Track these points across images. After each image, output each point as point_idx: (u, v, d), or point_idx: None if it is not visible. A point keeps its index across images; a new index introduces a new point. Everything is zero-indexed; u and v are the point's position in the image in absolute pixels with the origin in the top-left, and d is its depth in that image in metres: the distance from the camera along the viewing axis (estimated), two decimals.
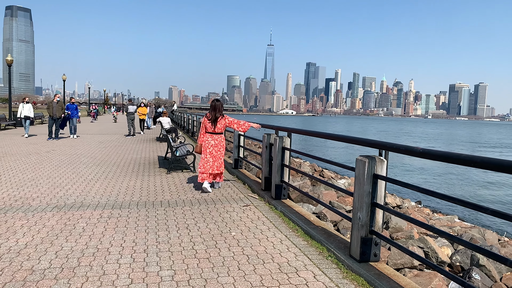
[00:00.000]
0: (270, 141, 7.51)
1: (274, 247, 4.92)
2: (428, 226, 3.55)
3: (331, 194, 9.10)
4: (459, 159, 3.09)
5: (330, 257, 4.59)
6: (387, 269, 4.08)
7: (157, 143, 18.81)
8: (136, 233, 5.36)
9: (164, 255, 4.57)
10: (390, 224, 6.80)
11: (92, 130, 26.62)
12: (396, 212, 4.02)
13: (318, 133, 6.06)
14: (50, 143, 17.11)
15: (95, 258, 4.41)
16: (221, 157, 8.06)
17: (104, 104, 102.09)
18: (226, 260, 4.47)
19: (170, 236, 5.23)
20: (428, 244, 5.25)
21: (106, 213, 6.33)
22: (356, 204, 4.30)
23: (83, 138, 20.36)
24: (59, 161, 11.96)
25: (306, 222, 5.73)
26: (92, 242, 4.94)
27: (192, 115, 25.83)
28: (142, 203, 7.00)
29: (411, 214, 8.70)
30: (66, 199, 7.16)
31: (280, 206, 6.66)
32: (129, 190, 8.06)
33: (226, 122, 7.96)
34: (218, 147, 7.98)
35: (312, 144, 43.85)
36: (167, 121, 18.69)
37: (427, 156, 3.46)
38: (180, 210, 6.58)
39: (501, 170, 2.75)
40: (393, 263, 4.72)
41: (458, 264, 5.30)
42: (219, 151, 8.00)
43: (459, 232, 8.00)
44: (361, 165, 4.21)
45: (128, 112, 22.95)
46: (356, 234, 4.28)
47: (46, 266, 4.17)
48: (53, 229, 5.44)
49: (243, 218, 6.21)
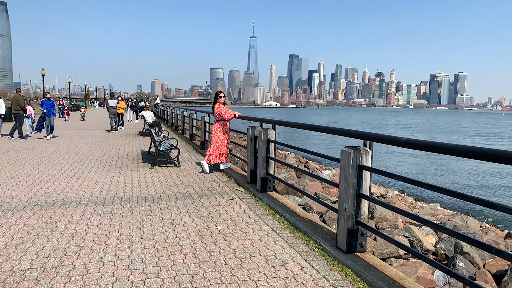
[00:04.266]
0: (255, 133, 7.46)
1: (261, 240, 4.90)
2: (413, 216, 3.56)
3: (316, 185, 9.12)
4: (444, 149, 3.09)
5: (316, 248, 4.59)
6: (373, 259, 4.10)
7: (140, 137, 18.57)
8: (120, 230, 5.26)
9: (149, 251, 4.50)
10: (375, 214, 6.86)
11: (72, 126, 26.11)
12: (381, 203, 4.03)
13: (303, 124, 6.04)
14: (29, 140, 16.71)
15: (78, 257, 4.31)
16: (218, 141, 9.07)
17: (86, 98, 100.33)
18: (212, 255, 4.42)
19: (155, 232, 5.15)
20: (413, 233, 5.30)
21: (89, 210, 6.20)
22: (342, 195, 4.29)
23: (63, 134, 19.94)
24: (39, 158, 11.68)
25: (292, 214, 5.72)
26: (74, 241, 4.82)
27: (175, 108, 25.58)
28: (125, 199, 6.88)
29: (395, 204, 8.79)
30: (47, 197, 6.99)
31: (266, 198, 6.63)
32: (112, 186, 7.92)
33: (217, 110, 9.03)
34: (215, 132, 9.12)
35: (297, 136, 44.00)
36: (150, 115, 18.46)
37: (412, 146, 3.46)
38: (165, 206, 6.49)
39: (485, 158, 2.76)
40: (379, 253, 4.76)
41: (442, 252, 5.38)
42: (215, 136, 9.10)
43: (442, 220, 8.13)
44: (346, 156, 4.19)
45: (109, 106, 22.54)
46: (342, 225, 4.28)
47: (26, 266, 4.05)
48: (34, 228, 5.30)
49: (229, 211, 6.16)
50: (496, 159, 2.68)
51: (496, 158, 2.68)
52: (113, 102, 22.76)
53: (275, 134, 7.02)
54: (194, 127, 16.56)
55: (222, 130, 9.14)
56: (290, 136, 43.58)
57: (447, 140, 46.28)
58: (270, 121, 7.13)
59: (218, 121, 9.16)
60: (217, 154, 9.15)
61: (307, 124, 5.87)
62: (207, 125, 13.58)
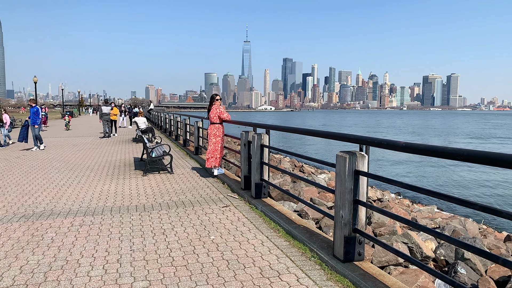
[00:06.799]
0: (248, 138, 7.30)
1: (255, 250, 4.72)
2: (413, 223, 3.41)
3: (312, 191, 8.97)
4: (444, 153, 2.94)
5: (313, 257, 4.42)
6: (372, 268, 3.94)
7: (133, 144, 18.34)
8: (109, 241, 5.06)
9: (139, 264, 4.31)
10: (373, 219, 6.70)
11: (64, 133, 25.82)
12: (380, 209, 3.88)
13: (297, 129, 5.88)
14: (15, 149, 16.43)
15: (63, 272, 4.11)
16: (212, 144, 9.05)
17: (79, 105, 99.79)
18: (204, 266, 4.24)
19: (146, 243, 4.96)
20: (412, 239, 5.15)
21: (78, 220, 6.00)
22: (338, 202, 4.13)
23: (55, 142, 19.67)
24: (29, 166, 11.44)
25: (287, 222, 5.56)
26: (61, 254, 4.62)
27: (169, 114, 25.37)
28: (116, 209, 6.68)
29: (392, 208, 8.65)
30: (35, 208, 6.77)
31: (260, 205, 6.46)
32: (103, 195, 7.72)
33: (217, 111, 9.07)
34: (210, 136, 9.10)
35: (292, 139, 43.85)
36: (142, 121, 18.25)
37: (411, 150, 3.32)
38: (156, 214, 6.30)
39: (488, 163, 2.62)
40: (378, 261, 4.60)
41: (442, 258, 5.23)
42: (211, 139, 9.08)
43: (440, 224, 7.99)
44: (341, 161, 4.04)
45: (103, 113, 22.36)
46: (339, 233, 4.12)
47: (8, 283, 3.85)
48: (19, 241, 5.09)
49: (222, 220, 5.98)
50: (500, 163, 2.53)
51: (500, 163, 2.53)
52: (106, 108, 22.60)
53: (269, 139, 6.86)
54: (188, 132, 16.37)
55: (216, 133, 9.07)
56: (284, 140, 43.46)
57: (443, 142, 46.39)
58: (264, 125, 6.97)
59: (213, 124, 9.07)
60: (209, 157, 9.14)
61: (302, 129, 5.72)
62: (200, 130, 13.40)
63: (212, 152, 9.11)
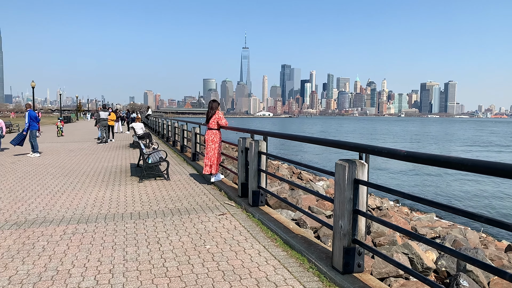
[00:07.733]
0: (246, 145, 7.19)
1: (252, 260, 4.59)
2: (414, 234, 3.30)
3: (310, 198, 8.84)
4: (447, 163, 2.84)
5: (311, 268, 4.30)
6: (372, 280, 3.82)
7: (130, 149, 18.20)
8: (102, 250, 4.93)
9: (132, 275, 4.17)
10: (372, 229, 6.58)
11: (61, 139, 25.66)
12: (380, 220, 3.77)
13: (295, 136, 5.78)
14: (12, 154, 16.27)
15: (53, 283, 3.97)
16: (211, 150, 8.92)
17: (77, 110, 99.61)
18: (199, 277, 4.11)
19: (139, 253, 4.83)
20: (413, 250, 5.03)
21: (71, 228, 5.86)
22: (337, 212, 4.02)
23: (51, 147, 19.51)
24: (24, 172, 11.29)
25: (285, 231, 5.43)
26: (51, 264, 4.49)
27: (166, 119, 25.25)
28: (110, 216, 6.55)
29: (392, 217, 8.53)
30: (27, 215, 6.63)
31: (257, 213, 6.34)
32: (98, 202, 7.58)
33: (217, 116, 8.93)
34: (208, 142, 8.98)
35: (290, 146, 43.68)
36: (140, 126, 18.13)
37: (412, 159, 3.21)
38: (151, 222, 6.17)
39: (494, 174, 2.51)
40: (378, 272, 4.48)
41: (444, 269, 5.11)
42: (208, 145, 8.96)
43: (441, 233, 7.87)
44: (341, 169, 3.94)
45: (100, 118, 22.26)
46: (338, 243, 4.01)
47: None
48: (9, 250, 4.95)
49: (218, 228, 5.86)
50: (506, 174, 2.43)
51: (506, 173, 2.43)
52: (104, 114, 22.53)
53: (267, 146, 6.76)
54: (185, 138, 16.26)
55: (214, 139, 8.96)
56: (283, 146, 43.31)
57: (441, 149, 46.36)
58: (262, 132, 6.87)
59: (210, 130, 8.97)
60: (206, 163, 9.04)
61: (300, 136, 5.62)
62: (197, 136, 13.29)
63: (210, 159, 8.99)
